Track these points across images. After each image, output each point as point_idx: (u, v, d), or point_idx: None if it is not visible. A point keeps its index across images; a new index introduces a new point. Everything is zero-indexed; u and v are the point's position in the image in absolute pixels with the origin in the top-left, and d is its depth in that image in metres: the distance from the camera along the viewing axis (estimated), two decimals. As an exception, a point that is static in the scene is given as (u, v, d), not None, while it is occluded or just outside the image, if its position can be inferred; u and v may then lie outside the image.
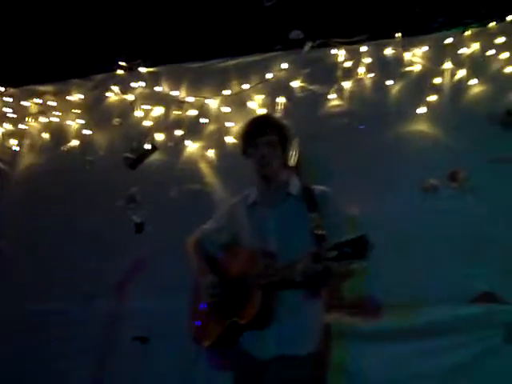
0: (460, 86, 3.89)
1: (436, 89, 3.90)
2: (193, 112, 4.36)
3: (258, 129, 3.11)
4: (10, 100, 4.91)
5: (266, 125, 3.12)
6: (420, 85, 3.93)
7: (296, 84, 4.17)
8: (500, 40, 3.82)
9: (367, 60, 4.04)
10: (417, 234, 3.74)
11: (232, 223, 3.22)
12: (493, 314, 3.58)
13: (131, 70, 4.58)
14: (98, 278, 4.33)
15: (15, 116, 4.88)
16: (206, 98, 4.34)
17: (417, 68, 3.96)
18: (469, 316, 3.59)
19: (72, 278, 4.38)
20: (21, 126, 4.85)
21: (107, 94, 4.64)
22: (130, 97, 4.56)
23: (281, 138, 3.10)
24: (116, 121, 4.56)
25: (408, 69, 3.98)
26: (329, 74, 4.11)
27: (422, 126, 3.90)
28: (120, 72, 4.60)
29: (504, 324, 3.57)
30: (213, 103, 4.32)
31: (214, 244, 3.27)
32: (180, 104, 4.40)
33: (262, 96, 4.22)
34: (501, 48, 3.82)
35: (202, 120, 4.33)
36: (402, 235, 3.75)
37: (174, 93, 4.42)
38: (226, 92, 4.30)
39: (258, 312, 2.86)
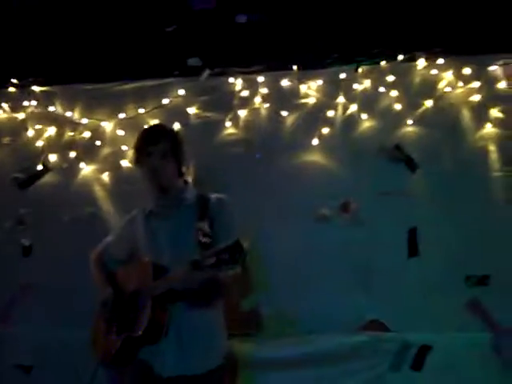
0: (352, 120, 4.02)
1: (329, 121, 4.02)
2: (87, 134, 4.28)
3: (150, 138, 3.07)
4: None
5: (158, 134, 3.10)
6: (314, 117, 4.04)
7: (192, 111, 4.18)
8: (390, 78, 3.98)
9: (264, 90, 4.10)
10: (309, 263, 3.85)
11: (130, 235, 3.18)
12: (378, 343, 3.72)
13: (23, 88, 4.44)
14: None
15: None
16: (101, 120, 4.27)
17: (311, 100, 4.06)
18: (356, 344, 3.72)
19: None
20: None
21: (-5, 113, 4.48)
22: (21, 115, 4.41)
23: (173, 147, 3.07)
24: (6, 140, 4.41)
25: (303, 101, 4.07)
26: (225, 103, 4.15)
27: (315, 157, 4.00)
28: (11, 89, 4.45)
29: (389, 352, 3.71)
30: (108, 126, 4.26)
31: (113, 257, 3.23)
32: (74, 125, 4.31)
33: (157, 121, 4.18)
34: (391, 86, 3.98)
35: (97, 142, 4.26)
36: (294, 264, 3.86)
37: (68, 114, 4.32)
38: (122, 115, 4.25)
39: (148, 325, 2.82)
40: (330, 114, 4.02)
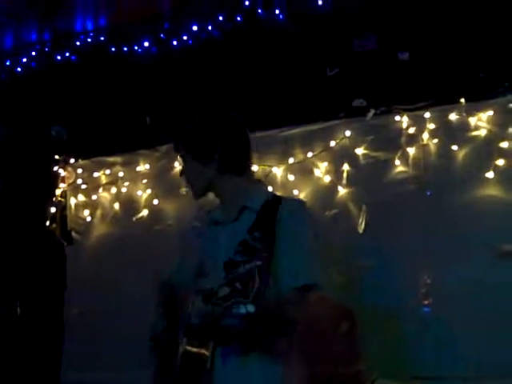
0: (529, 150, 3.84)
1: (504, 153, 3.85)
2: (259, 180, 4.40)
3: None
4: (81, 171, 5.07)
5: (178, 140, 2.68)
6: (487, 149, 3.90)
7: (360, 151, 4.20)
8: None
9: (431, 126, 4.04)
10: (491, 303, 3.65)
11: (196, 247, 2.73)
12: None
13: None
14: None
15: (87, 187, 5.03)
16: (271, 166, 4.39)
17: (482, 132, 3.93)
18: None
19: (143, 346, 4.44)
20: (93, 197, 4.99)
21: (174, 164, 4.73)
22: (196, 166, 4.63)
23: (187, 147, 2.59)
24: (183, 190, 4.65)
25: (474, 133, 3.95)
26: (393, 141, 4.12)
27: (491, 191, 3.85)
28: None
29: None
30: (278, 171, 4.38)
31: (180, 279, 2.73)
32: (247, 173, 4.46)
33: (326, 164, 4.26)
34: None
35: (269, 188, 4.36)
36: (476, 303, 3.66)
37: (240, 162, 4.48)
38: (291, 160, 4.35)
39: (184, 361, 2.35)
40: (504, 145, 3.85)
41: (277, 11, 4.64)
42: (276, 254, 2.32)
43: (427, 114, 4.05)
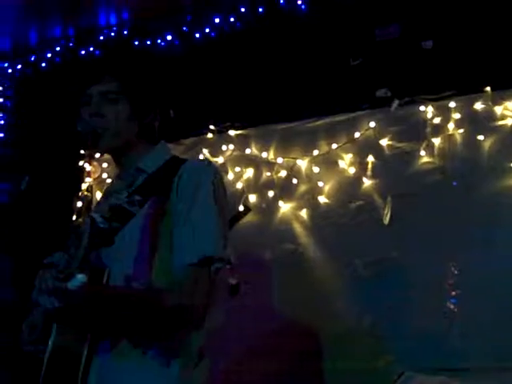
0: (557, 138, 3.77)
1: (531, 142, 3.80)
2: (283, 173, 4.41)
3: (91, 73, 2.17)
4: (107, 166, 5.09)
5: (102, 67, 2.19)
6: (513, 139, 3.85)
7: (384, 142, 4.17)
8: None
9: (456, 115, 4.00)
10: None
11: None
12: None
13: (221, 133, 4.68)
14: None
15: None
16: (295, 158, 4.38)
17: (509, 122, 3.88)
18: None
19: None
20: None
21: (199, 158, 4.72)
22: (220, 159, 4.65)
23: (126, 88, 2.13)
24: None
25: (500, 123, 3.90)
26: (418, 131, 4.08)
27: (518, 181, 3.81)
28: (210, 136, 4.70)
29: None
30: (303, 164, 4.36)
31: None
32: (270, 165, 4.46)
33: (351, 155, 4.24)
34: None
35: (294, 180, 4.37)
36: (503, 294, 3.63)
37: (264, 154, 4.49)
38: (315, 152, 4.33)
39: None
40: (531, 134, 3.81)
41: (299, 1, 4.62)
42: (169, 222, 1.99)
43: (452, 104, 4.01)
